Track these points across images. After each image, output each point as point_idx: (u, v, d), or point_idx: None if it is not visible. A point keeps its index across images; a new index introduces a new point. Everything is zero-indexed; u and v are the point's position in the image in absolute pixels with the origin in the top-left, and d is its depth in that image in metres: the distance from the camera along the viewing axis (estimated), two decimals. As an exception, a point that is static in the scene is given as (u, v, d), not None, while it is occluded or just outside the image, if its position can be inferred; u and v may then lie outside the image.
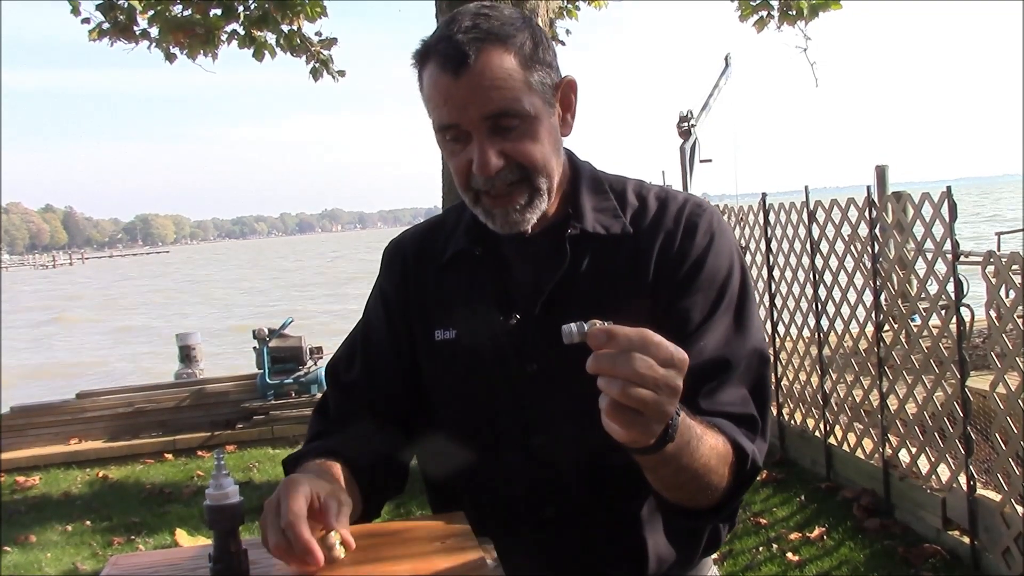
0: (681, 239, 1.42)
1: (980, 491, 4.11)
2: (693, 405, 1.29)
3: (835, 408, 5.49)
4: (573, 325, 1.06)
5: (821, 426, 5.62)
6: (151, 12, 7.20)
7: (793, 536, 4.76)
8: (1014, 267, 3.97)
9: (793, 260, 5.94)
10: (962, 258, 4.27)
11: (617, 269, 1.42)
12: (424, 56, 1.37)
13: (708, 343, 1.36)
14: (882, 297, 4.95)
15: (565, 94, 1.43)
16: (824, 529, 4.75)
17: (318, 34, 7.84)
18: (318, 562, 1.14)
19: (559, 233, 1.44)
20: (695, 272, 1.40)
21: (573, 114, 1.45)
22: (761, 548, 4.67)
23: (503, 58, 1.32)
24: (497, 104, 1.31)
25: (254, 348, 8.57)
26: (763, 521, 5.02)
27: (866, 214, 4.93)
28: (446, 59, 1.31)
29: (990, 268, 4.04)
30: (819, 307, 5.62)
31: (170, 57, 7.46)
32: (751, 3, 7.63)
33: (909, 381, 4.69)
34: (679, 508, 1.31)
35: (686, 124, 18.97)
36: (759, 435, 1.35)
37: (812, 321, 5.73)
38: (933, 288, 4.46)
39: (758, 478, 5.56)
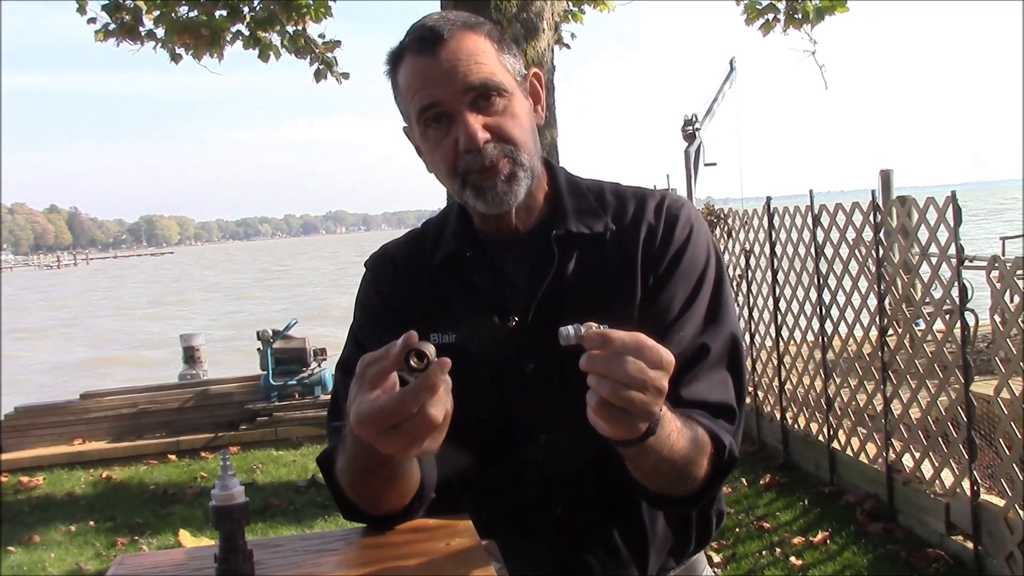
0: (663, 232, 1.45)
1: (984, 496, 4.10)
2: (673, 393, 1.31)
3: (839, 412, 5.49)
4: (570, 327, 1.08)
5: (824, 430, 5.61)
6: (157, 13, 7.22)
7: (796, 540, 4.75)
8: (1019, 272, 3.97)
9: (797, 264, 5.93)
10: (966, 263, 4.26)
11: (604, 266, 1.45)
12: (398, 55, 1.41)
13: (688, 331, 1.40)
14: (886, 301, 4.95)
15: (533, 85, 1.48)
16: (827, 533, 4.75)
17: (322, 36, 7.85)
18: (446, 364, 1.12)
19: (544, 234, 1.46)
20: (676, 263, 1.44)
21: (543, 105, 1.50)
22: (764, 552, 4.67)
23: (476, 39, 1.38)
24: (476, 77, 1.35)
25: (258, 349, 8.59)
26: (766, 525, 5.02)
27: (871, 218, 4.93)
28: (422, 42, 1.36)
29: (994, 273, 4.03)
30: (823, 311, 5.62)
31: (175, 58, 7.48)
32: (757, 7, 7.63)
33: (913, 386, 4.68)
34: (659, 496, 1.34)
35: (691, 128, 19.01)
36: (735, 425, 1.39)
37: (816, 325, 5.73)
38: (937, 292, 4.46)
39: (762, 481, 5.58)
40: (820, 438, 5.71)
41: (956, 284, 4.18)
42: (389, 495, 1.33)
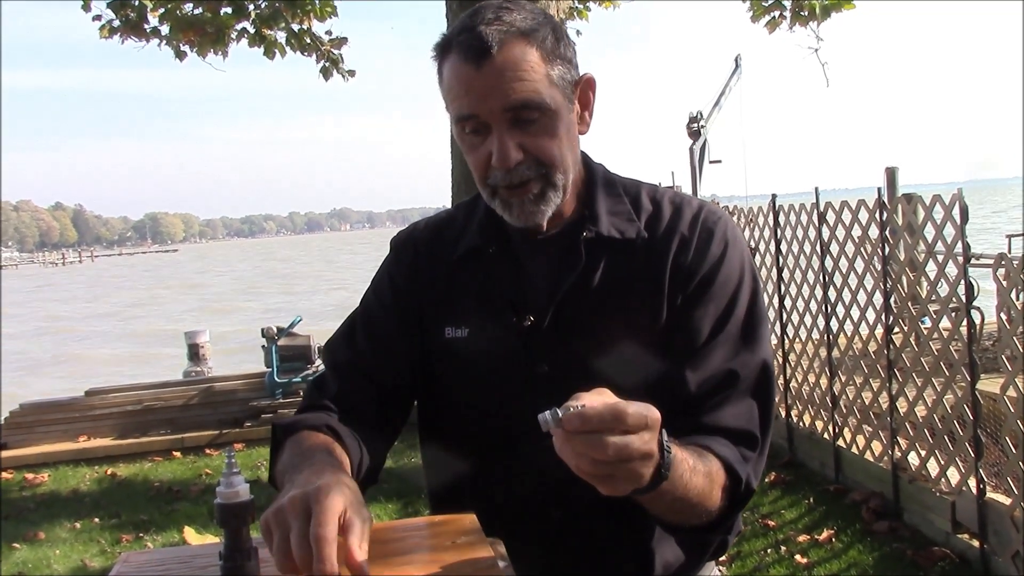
0: (696, 246, 1.41)
1: (990, 494, 4.09)
2: (696, 419, 1.32)
3: (844, 410, 5.47)
4: (547, 414, 1.06)
5: (830, 428, 5.60)
6: (162, 10, 7.22)
7: (801, 538, 4.74)
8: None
9: (803, 262, 5.92)
10: (973, 260, 4.24)
11: (631, 274, 1.41)
12: (445, 47, 1.36)
13: (717, 355, 1.37)
14: (892, 299, 4.94)
15: (584, 91, 1.43)
16: (833, 532, 4.74)
17: (328, 33, 7.85)
18: None
19: (574, 235, 1.43)
20: (708, 281, 1.40)
21: (591, 112, 1.45)
22: (769, 550, 4.65)
23: (525, 51, 1.32)
24: (518, 96, 1.31)
25: (263, 346, 8.59)
26: (771, 523, 5.01)
27: (877, 216, 4.92)
28: (468, 49, 1.31)
29: (1001, 271, 4.02)
30: (829, 309, 5.60)
31: (180, 55, 7.48)
32: (763, 3, 7.61)
33: (919, 384, 4.67)
34: (675, 527, 1.33)
35: (696, 125, 18.99)
36: (757, 453, 1.35)
37: (822, 323, 5.71)
38: (944, 290, 4.45)
39: (767, 479, 5.57)
40: (825, 436, 5.69)
41: (963, 282, 4.16)
42: None
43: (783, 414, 6.26)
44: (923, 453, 4.66)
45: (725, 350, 1.37)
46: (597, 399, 1.07)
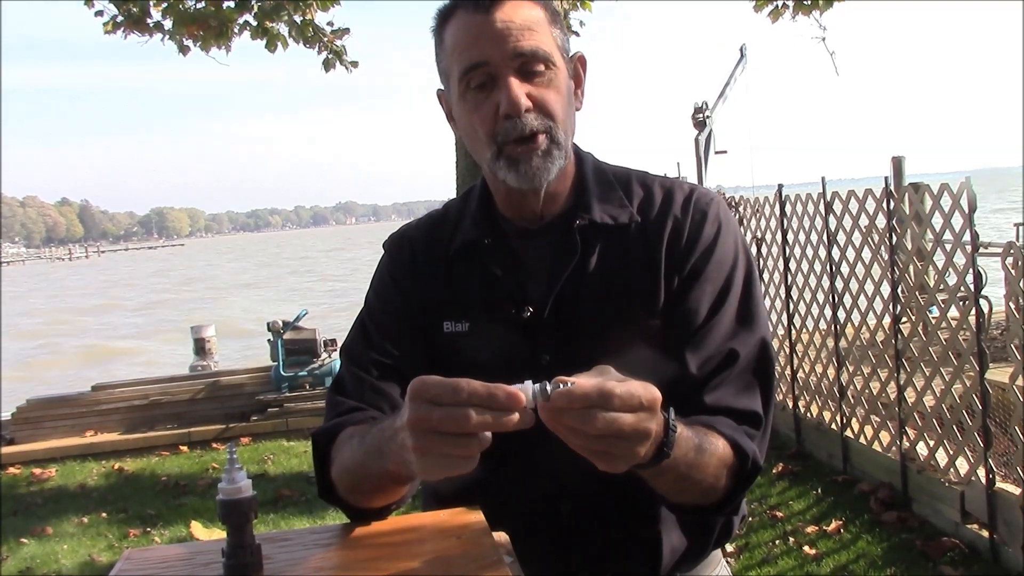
0: (690, 228, 1.41)
1: (999, 484, 4.07)
2: (698, 399, 1.31)
3: (852, 401, 5.46)
4: (536, 386, 1.05)
5: (838, 419, 5.58)
6: (164, 4, 7.21)
7: (810, 529, 4.73)
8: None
9: (810, 252, 5.90)
10: (981, 249, 4.22)
11: (627, 259, 1.41)
12: (448, 12, 1.37)
13: (716, 335, 1.37)
14: (900, 289, 4.91)
15: (576, 68, 1.44)
16: (841, 522, 4.72)
17: (330, 24, 7.82)
18: (520, 400, 1.03)
19: (567, 224, 1.43)
20: (704, 262, 1.40)
21: (583, 90, 1.46)
22: (777, 541, 4.64)
23: (533, 6, 1.35)
24: (527, 43, 1.32)
25: (268, 340, 8.59)
26: (779, 514, 5.00)
27: (884, 205, 4.89)
28: (477, 0, 1.33)
29: (1009, 259, 3.99)
30: (836, 299, 5.58)
31: (183, 49, 7.46)
32: (765, -7, 7.57)
33: (927, 373, 4.65)
34: (680, 506, 1.33)
35: (701, 115, 18.93)
36: (761, 431, 1.36)
37: (829, 313, 5.70)
38: (951, 280, 4.42)
39: (774, 470, 5.55)
40: (833, 427, 5.68)
41: (971, 271, 4.14)
42: (383, 496, 1.31)
43: (790, 405, 6.24)
44: (932, 443, 4.64)
45: (724, 330, 1.37)
46: (593, 378, 1.06)
